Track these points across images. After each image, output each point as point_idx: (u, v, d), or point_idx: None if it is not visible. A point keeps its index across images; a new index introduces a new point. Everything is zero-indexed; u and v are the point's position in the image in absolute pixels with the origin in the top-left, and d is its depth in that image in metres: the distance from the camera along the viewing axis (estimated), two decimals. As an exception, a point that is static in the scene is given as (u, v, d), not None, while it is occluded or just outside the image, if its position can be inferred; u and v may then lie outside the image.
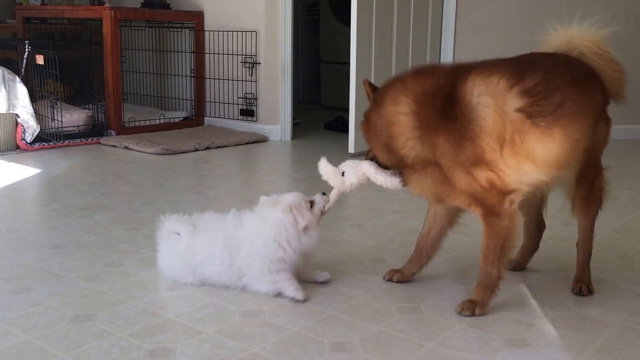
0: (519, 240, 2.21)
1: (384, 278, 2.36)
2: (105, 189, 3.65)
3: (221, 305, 2.11)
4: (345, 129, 4.88)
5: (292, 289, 2.15)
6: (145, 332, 1.91)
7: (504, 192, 1.98)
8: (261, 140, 5.22)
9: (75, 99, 5.47)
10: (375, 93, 2.15)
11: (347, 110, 4.71)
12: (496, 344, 1.88)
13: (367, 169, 2.16)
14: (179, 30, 5.79)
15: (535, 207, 2.39)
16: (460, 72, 2.03)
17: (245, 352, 1.80)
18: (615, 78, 2.12)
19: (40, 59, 4.82)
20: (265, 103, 5.36)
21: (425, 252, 2.33)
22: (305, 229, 2.20)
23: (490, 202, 1.99)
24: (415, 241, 2.35)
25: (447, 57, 5.32)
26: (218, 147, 4.92)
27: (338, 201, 3.47)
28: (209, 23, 5.61)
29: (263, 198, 2.30)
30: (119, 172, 4.09)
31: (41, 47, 4.88)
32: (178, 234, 2.28)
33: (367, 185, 3.90)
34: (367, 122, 2.16)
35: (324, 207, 2.29)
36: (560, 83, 1.98)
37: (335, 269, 2.44)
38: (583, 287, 2.23)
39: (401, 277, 2.34)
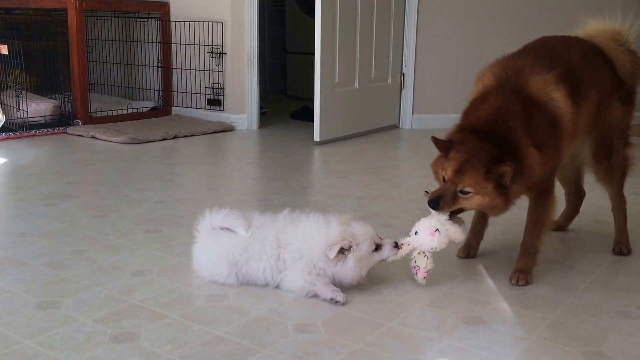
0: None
1: (458, 255, 2.48)
2: (72, 177, 3.65)
3: (186, 290, 2.14)
4: (310, 118, 4.93)
5: (329, 292, 2.07)
6: (110, 317, 1.93)
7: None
8: (228, 129, 5.24)
9: (42, 89, 5.43)
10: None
11: (312, 99, 4.75)
12: (453, 321, 1.94)
13: (454, 235, 2.13)
14: (145, 20, 5.76)
15: (573, 180, 2.73)
16: (524, 85, 2.15)
17: (209, 335, 1.84)
18: (623, 60, 2.37)
19: (4, 49, 4.77)
20: (232, 93, 5.37)
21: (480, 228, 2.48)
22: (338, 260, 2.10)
23: (549, 182, 2.23)
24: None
25: (409, 47, 5.38)
26: (185, 136, 4.93)
27: (304, 187, 3.55)
28: (175, 13, 5.59)
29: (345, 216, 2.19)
30: (86, 161, 4.09)
31: (5, 37, 4.83)
32: (227, 229, 2.20)
33: (332, 172, 3.97)
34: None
35: (388, 258, 2.16)
36: (577, 64, 2.26)
37: (299, 253, 2.49)
38: (623, 247, 2.51)
39: (475, 251, 2.49)
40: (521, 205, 2.23)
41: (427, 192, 2.16)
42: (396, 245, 2.15)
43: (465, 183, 2.04)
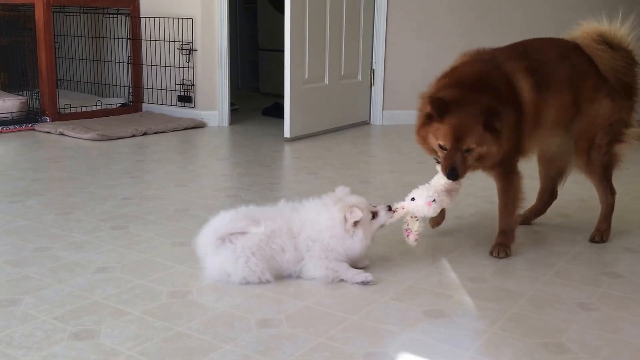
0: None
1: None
2: (38, 174, 3.61)
3: (149, 286, 2.13)
4: (282, 115, 4.92)
5: (357, 275, 2.16)
6: (71, 314, 1.91)
7: (518, 154, 2.39)
8: (199, 126, 5.22)
9: (9, 86, 5.36)
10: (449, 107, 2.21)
11: (284, 96, 4.75)
12: (416, 315, 1.95)
13: (446, 204, 2.35)
14: (115, 16, 5.71)
15: (552, 179, 2.77)
16: (499, 64, 2.36)
17: (170, 331, 1.83)
18: (603, 58, 2.45)
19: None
20: (203, 89, 5.35)
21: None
22: (352, 231, 2.18)
23: (511, 162, 2.39)
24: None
25: (379, 43, 5.39)
26: (155, 132, 4.90)
27: (273, 183, 3.55)
28: (144, 9, 5.55)
29: (338, 188, 2.31)
30: (53, 158, 4.04)
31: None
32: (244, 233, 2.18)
33: (301, 168, 3.96)
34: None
35: (386, 222, 2.27)
36: (549, 60, 2.43)
37: (265, 249, 2.48)
38: (597, 235, 2.60)
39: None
40: (491, 200, 2.25)
41: (437, 160, 2.32)
42: (390, 209, 2.26)
43: (469, 142, 2.18)
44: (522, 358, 1.71)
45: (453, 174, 2.20)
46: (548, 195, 2.81)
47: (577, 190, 2.89)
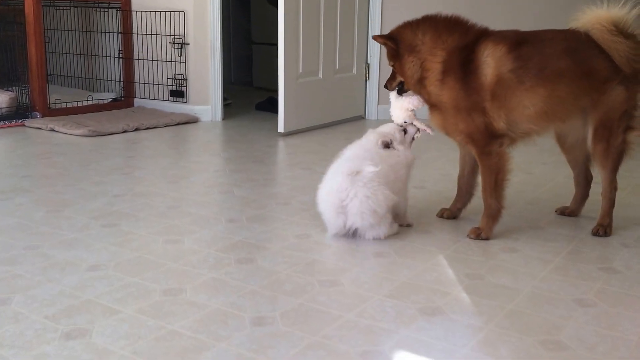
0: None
1: (436, 215, 2.78)
2: (28, 171, 3.57)
3: (142, 284, 2.10)
4: (276, 109, 4.88)
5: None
6: (62, 314, 1.89)
7: (494, 136, 2.42)
8: (192, 121, 5.18)
9: (0, 82, 5.31)
10: (400, 40, 2.56)
11: (278, 90, 4.71)
12: (412, 312, 1.93)
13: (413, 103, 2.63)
14: (105, 10, 5.66)
15: (582, 163, 2.77)
16: (482, 35, 2.47)
17: (163, 330, 1.80)
18: (619, 50, 2.38)
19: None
20: (195, 84, 5.31)
21: (465, 189, 2.73)
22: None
23: (482, 143, 2.44)
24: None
25: (375, 33, 5.35)
26: (147, 128, 4.85)
27: (266, 179, 3.52)
28: (136, 3, 5.49)
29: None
30: (43, 155, 4.00)
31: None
32: None
33: (295, 163, 3.93)
34: (400, 64, 2.56)
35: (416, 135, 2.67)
36: (550, 51, 2.42)
37: (260, 245, 2.46)
38: (600, 229, 2.58)
39: (450, 213, 2.76)
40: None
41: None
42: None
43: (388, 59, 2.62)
44: (519, 355, 1.69)
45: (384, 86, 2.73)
46: (583, 178, 2.80)
47: (573, 186, 2.87)
